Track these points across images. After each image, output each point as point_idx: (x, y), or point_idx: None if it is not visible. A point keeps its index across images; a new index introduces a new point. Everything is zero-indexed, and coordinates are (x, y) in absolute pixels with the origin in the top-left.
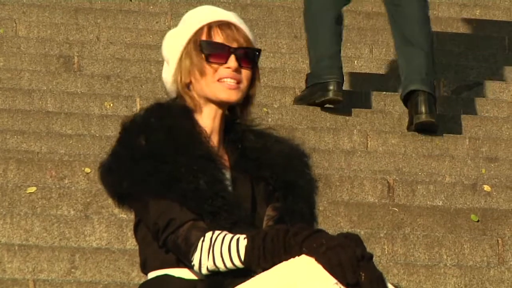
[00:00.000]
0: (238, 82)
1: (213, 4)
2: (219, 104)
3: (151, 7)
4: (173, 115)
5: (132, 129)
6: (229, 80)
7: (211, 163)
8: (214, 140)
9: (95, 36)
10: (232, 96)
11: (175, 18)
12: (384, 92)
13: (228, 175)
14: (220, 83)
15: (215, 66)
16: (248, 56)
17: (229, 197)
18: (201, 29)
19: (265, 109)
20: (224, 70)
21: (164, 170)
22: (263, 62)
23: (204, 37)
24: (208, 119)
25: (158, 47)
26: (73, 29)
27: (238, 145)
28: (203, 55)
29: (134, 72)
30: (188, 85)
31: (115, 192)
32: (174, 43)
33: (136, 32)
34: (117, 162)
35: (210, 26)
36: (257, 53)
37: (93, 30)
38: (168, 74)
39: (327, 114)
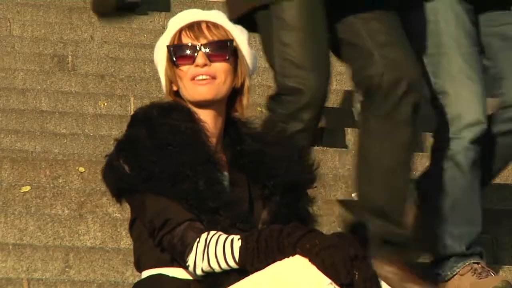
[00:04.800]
0: (212, 77)
1: (206, 4)
2: (201, 105)
3: (145, 6)
4: (175, 115)
5: (134, 126)
6: (200, 77)
7: (210, 164)
8: (213, 140)
9: (89, 35)
10: (206, 93)
11: (169, 18)
12: None
13: (226, 176)
14: (193, 83)
15: (186, 67)
16: (219, 49)
17: (228, 198)
18: (174, 34)
19: (259, 108)
20: (194, 69)
21: (163, 169)
22: (258, 61)
23: (173, 42)
24: (206, 120)
25: (152, 46)
26: (67, 28)
27: (236, 147)
28: (173, 60)
29: (128, 71)
30: (175, 93)
31: (115, 187)
32: (158, 53)
33: (130, 31)
34: (119, 158)
35: (181, 30)
36: (228, 43)
37: (87, 29)
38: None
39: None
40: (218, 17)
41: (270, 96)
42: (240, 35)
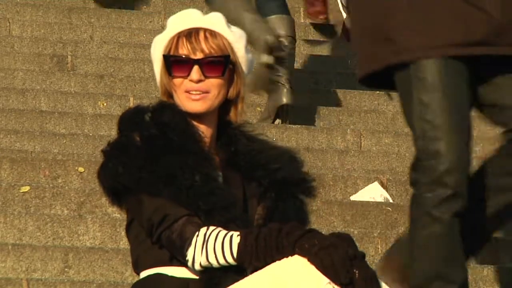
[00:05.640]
0: (205, 92)
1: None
2: (193, 115)
3: (145, 6)
4: (168, 115)
5: (127, 125)
6: (193, 91)
7: (205, 161)
8: (207, 141)
9: (89, 36)
10: (197, 107)
11: (169, 17)
12: (378, 92)
13: (220, 175)
14: (187, 96)
15: (180, 79)
16: (215, 65)
17: (224, 195)
18: (171, 39)
19: (258, 108)
20: (188, 82)
21: (159, 166)
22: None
23: (170, 50)
24: (198, 124)
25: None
26: (66, 28)
27: (230, 148)
28: (168, 70)
29: (127, 71)
30: (170, 94)
31: (110, 188)
32: (155, 52)
33: (130, 31)
34: (113, 158)
35: (179, 36)
36: (225, 59)
37: (87, 29)
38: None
39: (320, 113)
40: (217, 22)
41: (411, 166)
42: (237, 42)
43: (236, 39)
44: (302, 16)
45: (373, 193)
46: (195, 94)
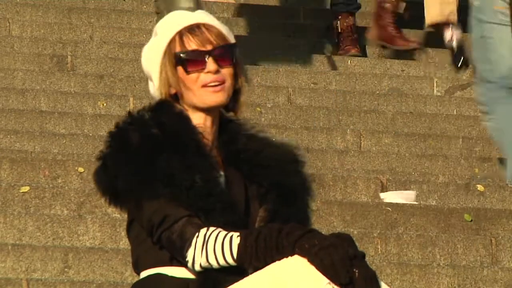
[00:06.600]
0: (222, 82)
1: (206, 4)
2: (209, 109)
3: (144, 6)
4: (167, 114)
5: (126, 126)
6: (212, 83)
7: (206, 161)
8: (208, 140)
9: (89, 36)
10: (219, 98)
11: None
12: (378, 92)
13: (222, 175)
14: (205, 89)
15: (196, 74)
16: (226, 54)
17: (224, 196)
18: (173, 39)
19: (258, 109)
20: (206, 75)
21: (158, 167)
22: (257, 61)
23: (178, 48)
24: (200, 122)
25: None
26: (66, 28)
27: (231, 147)
28: (181, 67)
29: (127, 71)
30: (173, 96)
31: (108, 190)
32: (151, 57)
33: (130, 31)
34: (111, 160)
35: (181, 34)
36: (233, 47)
37: (87, 29)
38: (153, 89)
39: (320, 113)
40: (208, 17)
41: None
42: (229, 35)
43: (227, 32)
44: (302, 16)
45: (405, 198)
46: (215, 86)
